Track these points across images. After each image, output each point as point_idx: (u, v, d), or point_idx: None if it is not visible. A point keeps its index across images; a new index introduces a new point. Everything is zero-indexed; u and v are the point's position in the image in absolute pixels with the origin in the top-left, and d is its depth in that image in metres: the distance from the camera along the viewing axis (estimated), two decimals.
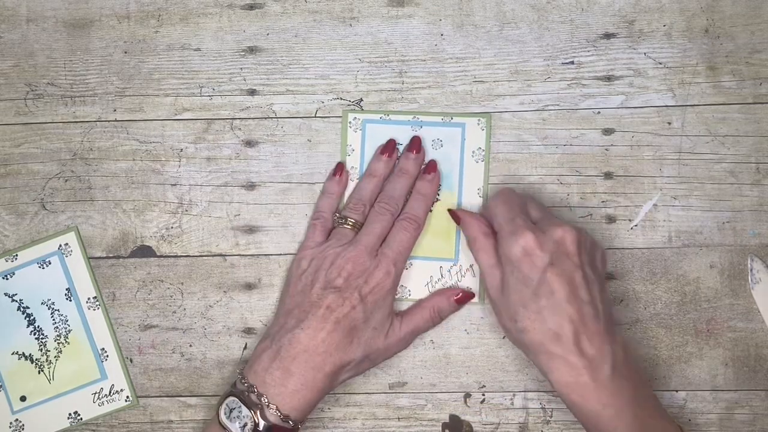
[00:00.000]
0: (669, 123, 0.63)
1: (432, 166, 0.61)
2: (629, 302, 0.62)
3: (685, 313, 0.62)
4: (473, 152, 0.62)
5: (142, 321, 0.63)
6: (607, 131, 0.63)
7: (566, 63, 0.63)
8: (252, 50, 0.64)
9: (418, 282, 0.62)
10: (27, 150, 0.64)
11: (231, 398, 0.55)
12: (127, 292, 0.63)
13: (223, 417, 0.54)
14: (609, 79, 0.63)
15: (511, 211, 0.56)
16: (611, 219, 0.62)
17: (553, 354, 0.53)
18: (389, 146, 0.61)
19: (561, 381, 0.53)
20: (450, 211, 0.61)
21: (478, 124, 0.62)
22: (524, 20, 0.64)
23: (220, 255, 0.63)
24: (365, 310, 0.56)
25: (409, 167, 0.61)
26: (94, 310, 0.63)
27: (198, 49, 0.65)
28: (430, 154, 0.62)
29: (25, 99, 0.65)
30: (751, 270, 0.61)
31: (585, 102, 0.63)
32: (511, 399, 0.62)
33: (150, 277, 0.63)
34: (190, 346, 0.63)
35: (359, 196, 0.60)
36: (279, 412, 0.54)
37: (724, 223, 0.62)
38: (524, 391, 0.62)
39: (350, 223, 0.59)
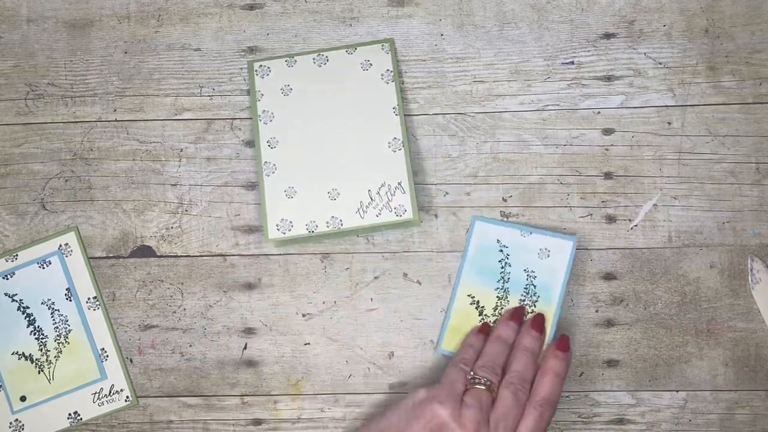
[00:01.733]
0: (669, 123, 0.63)
1: (564, 343, 0.58)
2: (629, 302, 0.62)
3: (685, 313, 0.62)
4: (382, 75, 0.62)
5: (142, 321, 0.63)
6: (607, 131, 0.63)
7: (566, 63, 0.63)
8: (252, 50, 0.64)
9: (349, 210, 0.61)
10: (27, 150, 0.64)
11: None
12: (127, 292, 0.63)
13: None
14: (609, 79, 0.63)
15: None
16: (611, 219, 0.62)
17: None
18: (518, 313, 0.60)
19: None
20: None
21: (383, 48, 0.63)
22: (524, 20, 0.64)
23: (220, 255, 0.63)
24: None
25: (532, 345, 0.58)
26: (94, 310, 0.63)
27: (198, 49, 0.65)
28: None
29: (25, 99, 0.65)
30: (751, 270, 0.61)
31: (585, 102, 0.63)
32: None
33: (150, 277, 0.63)
34: (190, 346, 0.63)
35: (492, 358, 0.57)
36: None
37: (724, 223, 0.62)
38: None
39: (486, 384, 0.56)
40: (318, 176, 0.61)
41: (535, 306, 0.60)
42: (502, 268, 0.61)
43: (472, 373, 0.57)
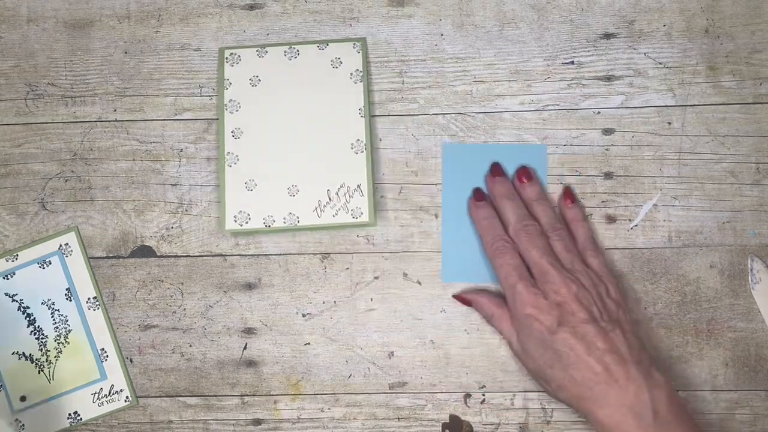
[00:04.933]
0: (669, 123, 0.63)
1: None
2: (629, 302, 0.62)
3: (686, 313, 0.62)
4: (351, 74, 0.62)
5: (142, 321, 0.63)
6: (607, 131, 0.63)
7: (566, 63, 0.63)
8: None
9: (307, 208, 0.61)
10: (27, 150, 0.64)
11: None
12: (127, 292, 0.63)
13: None
14: (609, 79, 0.63)
15: (504, 270, 0.57)
16: (611, 219, 0.62)
17: (590, 407, 0.54)
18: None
19: (605, 431, 0.53)
20: (456, 297, 0.61)
21: (354, 47, 0.62)
22: (524, 20, 0.64)
23: (220, 255, 0.63)
24: None
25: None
26: (94, 310, 0.63)
27: (198, 49, 0.65)
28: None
29: (25, 99, 0.65)
30: (751, 270, 0.61)
31: (585, 102, 0.63)
32: (512, 399, 0.62)
33: (150, 277, 0.63)
34: (190, 346, 0.63)
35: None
36: None
37: (724, 223, 0.62)
38: (524, 391, 0.62)
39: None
40: (279, 171, 0.61)
41: None
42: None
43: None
